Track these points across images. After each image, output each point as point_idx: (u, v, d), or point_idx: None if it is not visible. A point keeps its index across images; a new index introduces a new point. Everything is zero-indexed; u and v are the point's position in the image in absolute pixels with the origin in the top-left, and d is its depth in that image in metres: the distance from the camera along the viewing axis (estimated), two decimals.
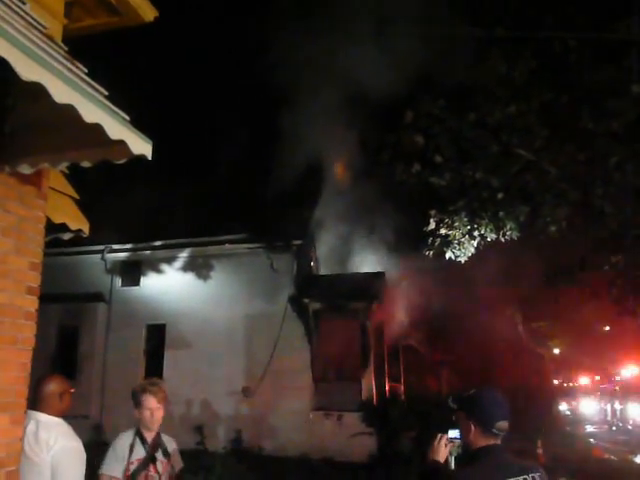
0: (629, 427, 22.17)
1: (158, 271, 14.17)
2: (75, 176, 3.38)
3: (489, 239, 8.84)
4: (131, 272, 14.39)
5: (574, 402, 29.35)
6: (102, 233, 11.65)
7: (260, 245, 13.30)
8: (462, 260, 9.15)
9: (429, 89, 8.67)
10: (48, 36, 2.34)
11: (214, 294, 13.55)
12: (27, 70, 1.80)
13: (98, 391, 13.52)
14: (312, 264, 14.90)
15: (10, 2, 2.08)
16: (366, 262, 15.59)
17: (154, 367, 13.37)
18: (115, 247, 14.34)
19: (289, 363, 12.54)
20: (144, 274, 14.26)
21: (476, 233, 8.77)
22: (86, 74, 2.37)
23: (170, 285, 13.93)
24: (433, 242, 9.13)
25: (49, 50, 2.06)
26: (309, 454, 11.37)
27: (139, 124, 2.30)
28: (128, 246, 14.29)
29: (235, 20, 24.52)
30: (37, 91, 1.87)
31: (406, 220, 13.14)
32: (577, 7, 7.63)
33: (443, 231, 8.91)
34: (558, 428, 21.05)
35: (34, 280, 2.82)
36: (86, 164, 2.55)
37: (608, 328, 24.60)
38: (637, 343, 23.87)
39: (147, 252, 14.24)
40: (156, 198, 14.62)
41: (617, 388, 24.65)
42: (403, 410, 12.10)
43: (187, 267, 14.01)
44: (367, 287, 12.94)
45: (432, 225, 9.01)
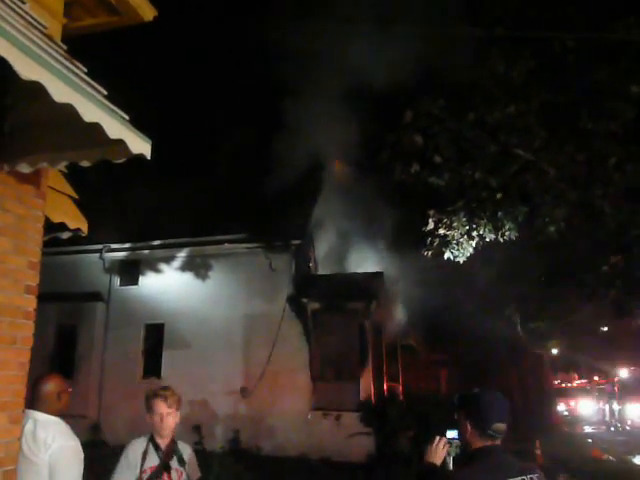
0: (627, 428, 22.16)
1: (156, 271, 14.15)
2: (74, 175, 3.37)
3: (488, 239, 8.85)
4: (129, 271, 14.36)
5: (572, 402, 29.35)
6: (101, 232, 11.63)
7: (259, 245, 13.27)
8: (461, 260, 9.16)
9: (429, 89, 8.68)
10: (47, 35, 2.33)
11: (213, 294, 13.53)
12: (26, 69, 1.80)
13: (96, 390, 13.47)
14: (311, 264, 14.89)
15: (10, 1, 2.07)
16: (364, 262, 15.58)
17: (152, 367, 13.31)
18: (114, 246, 14.31)
19: (287, 363, 12.53)
20: (142, 273, 14.24)
21: (475, 233, 8.78)
22: (85, 73, 2.36)
23: (168, 285, 13.91)
24: (432, 242, 9.14)
25: (48, 49, 2.05)
26: (307, 454, 11.36)
27: (138, 123, 2.30)
28: (127, 245, 14.27)
29: (235, 19, 24.53)
30: (36, 90, 1.87)
31: (405, 220, 13.15)
32: (576, 7, 7.64)
33: (442, 231, 8.92)
34: (556, 428, 21.05)
35: (33, 279, 2.82)
36: (85, 163, 2.55)
37: (606, 329, 24.61)
38: (636, 344, 23.90)
39: (146, 251, 14.22)
40: (155, 198, 14.64)
41: (615, 389, 24.64)
42: (401, 410, 12.10)
43: (186, 267, 13.99)
44: (365, 287, 12.92)
45: (431, 225, 9.02)
